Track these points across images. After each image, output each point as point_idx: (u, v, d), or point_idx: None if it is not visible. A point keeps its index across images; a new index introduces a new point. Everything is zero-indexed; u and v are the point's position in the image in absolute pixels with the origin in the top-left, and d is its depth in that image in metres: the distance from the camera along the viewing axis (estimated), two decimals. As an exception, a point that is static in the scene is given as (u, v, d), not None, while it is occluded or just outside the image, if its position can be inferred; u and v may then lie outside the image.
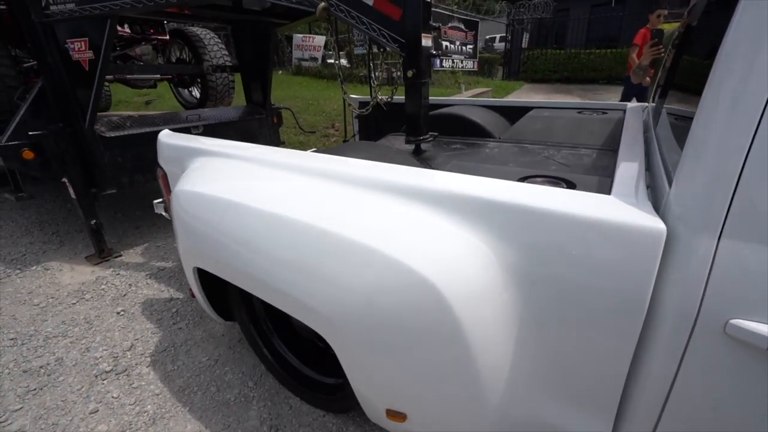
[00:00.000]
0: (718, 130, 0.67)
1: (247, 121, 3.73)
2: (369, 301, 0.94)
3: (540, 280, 0.84)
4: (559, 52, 12.23)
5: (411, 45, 1.64)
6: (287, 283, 1.09)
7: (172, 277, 2.68)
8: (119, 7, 2.16)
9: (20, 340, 2.08)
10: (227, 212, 1.25)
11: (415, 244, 0.91)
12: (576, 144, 2.01)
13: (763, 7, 0.62)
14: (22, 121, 2.56)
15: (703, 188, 0.68)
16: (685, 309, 0.70)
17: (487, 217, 0.87)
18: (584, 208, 0.77)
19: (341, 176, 1.13)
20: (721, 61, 0.67)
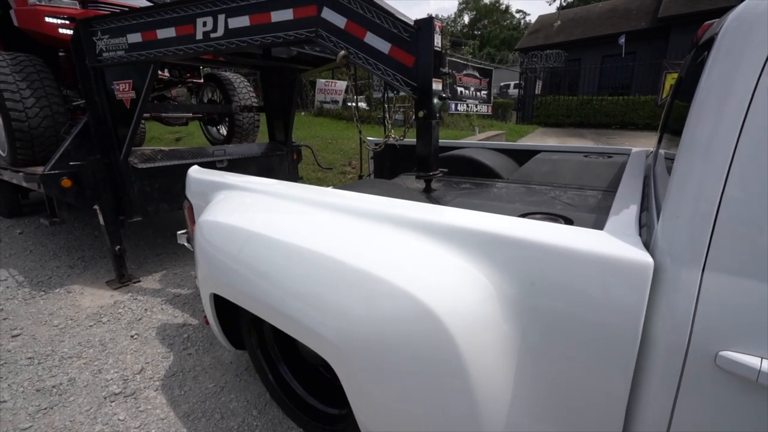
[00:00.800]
0: (695, 170, 0.72)
1: (269, 156, 3.94)
2: (375, 329, 0.97)
3: (537, 312, 0.86)
4: (572, 98, 12.57)
5: (422, 89, 1.78)
6: (298, 310, 1.13)
7: (186, 304, 2.74)
8: (162, 54, 2.41)
9: (37, 360, 2.14)
10: (246, 241, 1.33)
11: (420, 276, 0.95)
12: (582, 186, 2.06)
13: (728, 63, 0.69)
14: (65, 153, 2.79)
15: (686, 224, 0.72)
16: (675, 341, 0.72)
17: (486, 250, 0.91)
18: (576, 241, 0.80)
19: (354, 210, 1.20)
20: (695, 110, 0.74)
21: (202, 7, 2.19)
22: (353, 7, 1.81)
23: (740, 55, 0.69)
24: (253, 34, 2.11)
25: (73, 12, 3.04)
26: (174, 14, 2.28)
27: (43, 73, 3.17)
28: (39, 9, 2.95)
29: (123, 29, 2.45)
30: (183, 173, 3.20)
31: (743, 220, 0.67)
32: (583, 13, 17.25)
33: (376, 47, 1.82)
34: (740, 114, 0.67)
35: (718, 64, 0.73)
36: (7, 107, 2.96)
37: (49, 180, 2.72)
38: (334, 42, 1.89)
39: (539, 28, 17.90)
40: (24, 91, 3.02)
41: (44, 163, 3.15)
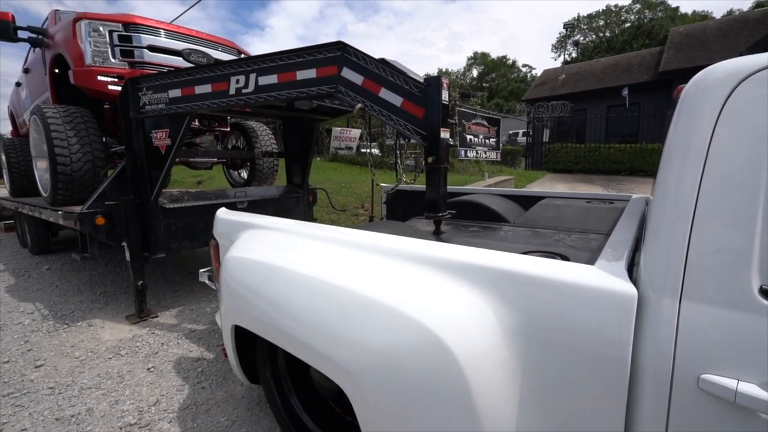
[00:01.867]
0: (666, 210, 0.84)
1: (286, 198, 4.15)
2: (387, 356, 1.04)
3: (536, 341, 0.93)
4: (580, 146, 12.89)
5: (431, 137, 1.95)
6: (315, 337, 1.21)
7: (201, 339, 2.81)
8: (198, 107, 2.70)
9: (58, 390, 2.20)
10: (267, 274, 1.44)
11: (431, 307, 1.02)
12: (585, 230, 2.15)
13: (688, 119, 0.83)
14: (102, 193, 3.04)
15: (663, 257, 0.82)
16: (661, 366, 0.78)
17: (489, 283, 1.00)
18: (568, 274, 0.90)
19: (368, 246, 1.31)
20: (664, 158, 0.87)
21: (237, 68, 2.49)
22: (369, 67, 2.04)
23: (697, 113, 0.82)
24: (280, 89, 2.37)
25: (122, 71, 3.45)
26: (211, 73, 2.59)
27: (89, 123, 3.54)
28: (93, 69, 3.36)
29: (166, 86, 2.77)
30: (206, 213, 3.42)
31: (710, 254, 0.77)
32: (587, 68, 18.15)
33: (390, 101, 2.02)
34: (700, 161, 0.79)
35: (680, 120, 0.87)
36: (55, 153, 3.28)
37: (85, 218, 2.94)
38: (351, 96, 2.12)
39: (545, 81, 18.81)
40: (71, 138, 3.36)
41: (79, 203, 3.42)
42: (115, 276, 4.49)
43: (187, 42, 3.81)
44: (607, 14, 39.15)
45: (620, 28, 38.55)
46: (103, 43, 3.39)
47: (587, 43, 39.87)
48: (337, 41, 2.12)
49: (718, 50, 12.20)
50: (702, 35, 13.78)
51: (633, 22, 37.86)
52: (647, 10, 37.16)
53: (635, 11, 37.85)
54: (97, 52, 3.38)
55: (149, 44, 3.54)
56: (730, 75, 0.79)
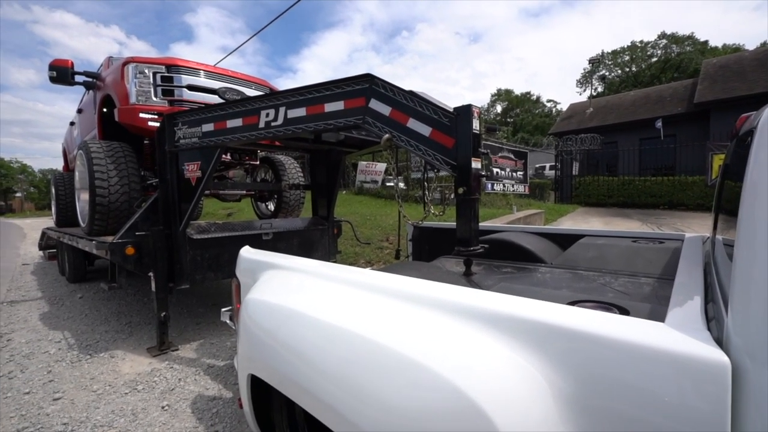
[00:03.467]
0: (759, 256, 0.67)
1: (311, 230, 4.12)
2: (415, 422, 0.87)
3: (598, 414, 0.75)
4: (612, 179, 12.44)
5: (462, 167, 1.86)
6: (334, 395, 1.06)
7: (219, 376, 2.70)
8: (229, 140, 2.76)
9: (71, 426, 2.13)
10: (285, 319, 1.31)
11: (466, 365, 0.87)
12: (634, 272, 1.92)
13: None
14: (134, 224, 3.10)
15: (762, 317, 0.65)
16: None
17: (536, 340, 0.84)
18: (636, 335, 0.73)
19: (396, 292, 1.17)
20: (747, 195, 0.72)
21: (266, 102, 2.55)
22: (397, 98, 2.01)
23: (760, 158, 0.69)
24: (308, 122, 2.38)
25: (162, 109, 3.64)
26: (242, 108, 2.65)
27: (129, 157, 3.71)
28: (136, 107, 3.56)
29: (200, 120, 2.87)
30: (231, 244, 3.41)
31: None
32: (616, 101, 17.91)
33: (418, 131, 1.97)
34: None
35: (762, 152, 0.73)
36: (95, 185, 3.43)
37: (116, 248, 3.00)
38: (379, 127, 2.08)
39: (572, 115, 18.66)
40: (111, 171, 3.51)
41: (113, 234, 3.51)
42: (141, 306, 4.52)
43: (223, 81, 4.00)
44: (632, 50, 39.18)
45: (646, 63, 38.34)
46: (147, 84, 3.62)
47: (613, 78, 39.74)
48: (366, 73, 2.12)
49: (757, 80, 11.74)
50: (738, 66, 13.38)
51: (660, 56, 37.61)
52: (674, 45, 36.93)
53: (661, 46, 37.70)
54: (140, 92, 3.60)
55: (188, 83, 3.74)
56: None
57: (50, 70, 4.30)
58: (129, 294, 5.10)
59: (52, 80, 4.35)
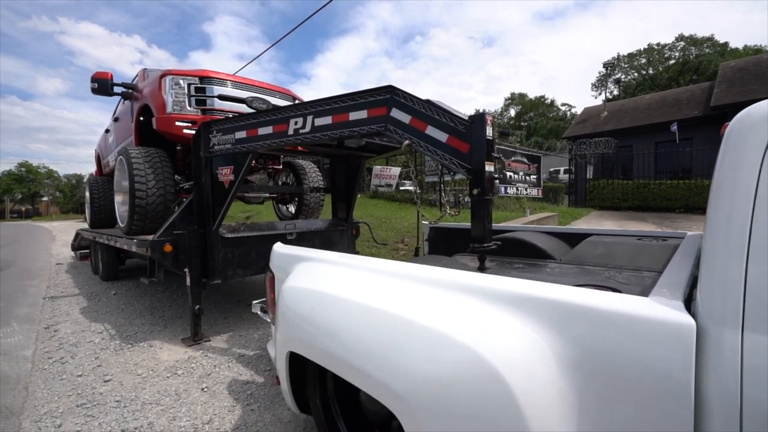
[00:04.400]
0: (719, 243, 0.85)
1: (331, 231, 4.34)
2: (440, 383, 1.05)
3: (592, 372, 0.92)
4: (627, 183, 12.36)
5: (476, 171, 2.04)
6: (369, 363, 1.24)
7: (250, 364, 2.92)
8: (260, 146, 3.01)
9: (123, 403, 2.37)
10: (324, 303, 1.51)
11: (484, 336, 1.04)
12: (638, 267, 2.06)
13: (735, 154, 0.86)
14: (171, 224, 3.37)
15: (718, 291, 0.82)
16: (725, 396, 0.76)
17: (541, 314, 1.01)
18: (622, 306, 0.90)
19: (420, 278, 1.35)
20: (713, 194, 0.90)
21: (295, 111, 2.78)
22: (416, 107, 2.21)
23: (743, 149, 0.86)
24: (334, 129, 2.60)
25: (195, 117, 3.92)
26: (273, 116, 2.89)
27: (165, 162, 4.00)
28: (173, 116, 3.86)
29: (233, 128, 3.12)
30: (259, 243, 3.65)
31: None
32: (631, 104, 17.75)
33: (436, 137, 2.16)
34: (750, 196, 0.82)
35: (727, 156, 0.90)
36: (135, 188, 3.72)
37: (156, 245, 3.26)
38: (399, 134, 2.28)
39: (586, 119, 18.56)
40: (149, 175, 3.81)
41: (150, 233, 3.80)
42: (171, 302, 4.81)
43: (250, 91, 4.28)
44: (649, 52, 38.58)
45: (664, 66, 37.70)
46: (182, 94, 3.91)
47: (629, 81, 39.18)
48: (388, 85, 2.33)
49: (776, 83, 11.57)
50: (757, 68, 13.17)
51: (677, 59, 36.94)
52: (692, 47, 36.25)
53: (679, 48, 37.05)
54: (176, 102, 3.89)
55: (219, 94, 4.03)
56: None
57: (92, 82, 4.65)
58: (159, 291, 5.40)
59: (93, 91, 4.71)
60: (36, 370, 2.93)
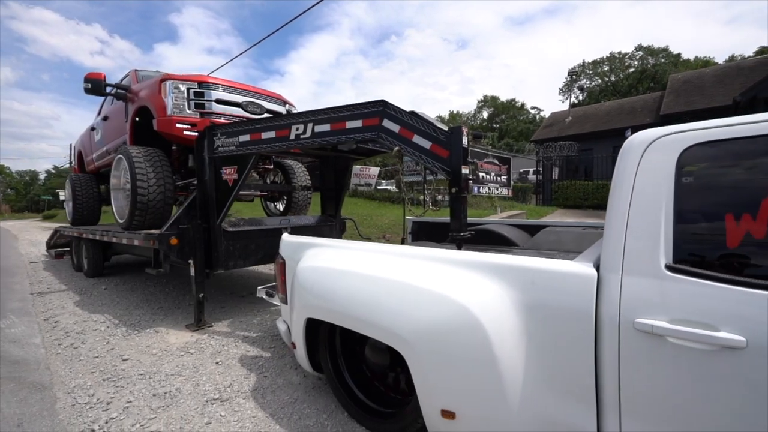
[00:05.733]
0: (612, 222, 1.34)
1: (321, 226, 4.72)
2: (434, 325, 1.52)
3: (533, 308, 1.40)
4: (588, 183, 13.38)
5: (455, 172, 2.50)
6: (381, 318, 1.69)
7: (255, 343, 3.27)
8: (262, 149, 3.35)
9: (147, 376, 2.68)
10: (339, 276, 1.96)
11: (464, 290, 1.52)
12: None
13: (621, 166, 1.35)
14: (177, 219, 3.65)
15: (611, 250, 1.31)
16: (612, 317, 1.25)
17: (501, 274, 1.49)
18: (555, 265, 1.38)
19: (416, 255, 1.81)
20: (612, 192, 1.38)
21: (297, 119, 3.15)
22: (404, 119, 2.65)
23: (627, 163, 1.35)
24: (332, 135, 3.00)
25: (194, 120, 4.19)
26: (276, 122, 3.25)
27: (163, 161, 4.25)
28: (173, 118, 4.10)
29: (237, 132, 3.45)
30: (257, 236, 3.99)
31: (637, 248, 1.26)
32: (592, 111, 19.02)
33: (421, 144, 2.60)
34: (627, 197, 1.31)
35: (619, 167, 1.39)
36: (137, 185, 3.96)
37: (163, 238, 3.54)
38: (390, 141, 2.71)
39: (552, 123, 19.70)
40: (150, 173, 4.05)
41: (149, 228, 4.06)
42: (165, 294, 5.03)
43: (245, 95, 4.58)
44: (611, 60, 40.98)
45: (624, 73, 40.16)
46: (182, 98, 4.17)
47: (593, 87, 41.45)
48: (380, 100, 2.75)
49: (714, 95, 12.89)
50: (700, 81, 14.58)
51: (637, 67, 39.47)
52: (650, 57, 38.85)
53: (638, 57, 39.59)
54: (176, 105, 4.14)
55: (217, 98, 4.31)
56: (643, 141, 1.33)
57: (85, 82, 4.80)
58: (150, 285, 5.58)
59: (86, 91, 4.86)
60: (51, 354, 3.16)
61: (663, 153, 1.29)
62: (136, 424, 2.10)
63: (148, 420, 2.14)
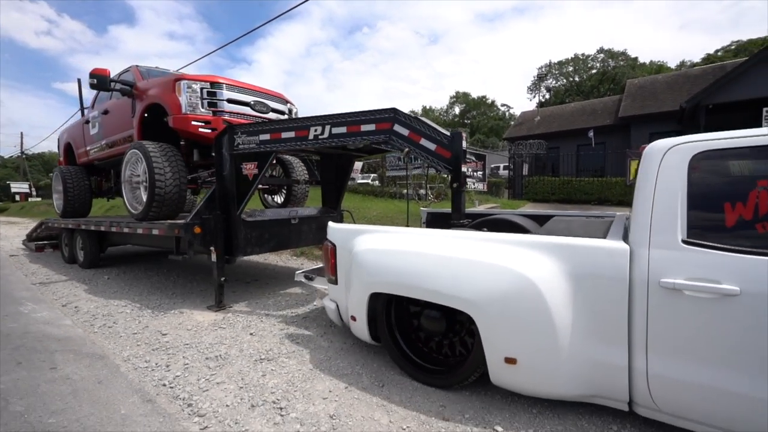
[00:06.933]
0: (639, 209, 1.86)
1: (324, 217, 5.16)
2: (499, 291, 1.99)
3: (579, 276, 1.89)
4: (555, 179, 14.47)
5: (456, 170, 3.04)
6: (452, 287, 2.12)
7: (278, 319, 3.71)
8: (281, 147, 3.76)
9: (192, 345, 3.07)
10: (395, 255, 2.39)
11: (524, 263, 1.96)
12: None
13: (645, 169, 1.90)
14: (199, 210, 3.99)
15: (639, 233, 1.84)
16: (642, 278, 1.77)
17: (553, 250, 1.96)
18: (595, 243, 1.90)
19: (473, 236, 2.27)
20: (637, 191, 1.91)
21: (315, 121, 3.59)
22: (414, 124, 3.15)
23: (650, 164, 1.85)
24: (348, 136, 3.46)
25: (208, 118, 4.49)
26: (296, 124, 3.67)
27: (177, 156, 4.54)
28: (189, 116, 4.39)
29: (258, 131, 3.84)
30: (271, 226, 4.40)
31: (661, 227, 1.79)
32: (558, 111, 20.29)
33: (427, 146, 3.12)
34: (651, 190, 1.84)
35: (643, 167, 1.91)
36: (155, 179, 4.25)
37: (188, 227, 3.88)
38: (400, 143, 3.22)
39: (523, 122, 20.83)
40: (166, 168, 4.34)
41: (164, 219, 4.37)
42: (173, 282, 5.31)
43: (253, 95, 4.92)
44: (576, 61, 43.15)
45: (588, 74, 42.46)
46: (195, 97, 4.46)
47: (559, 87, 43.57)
48: (392, 108, 3.25)
49: (665, 100, 14.28)
50: (653, 87, 16.02)
51: (598, 69, 41.83)
52: (610, 59, 41.29)
53: (600, 60, 41.97)
54: (190, 103, 4.43)
55: (228, 97, 4.63)
56: (662, 148, 1.84)
57: (91, 77, 4.96)
58: (154, 274, 5.82)
59: (92, 87, 5.02)
60: (89, 333, 3.45)
61: (678, 157, 1.76)
62: (201, 379, 2.52)
63: (210, 375, 2.56)
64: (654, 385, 1.73)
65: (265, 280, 5.42)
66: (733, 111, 11.64)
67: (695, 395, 1.65)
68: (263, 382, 2.46)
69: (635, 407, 1.85)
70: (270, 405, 2.20)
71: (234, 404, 2.21)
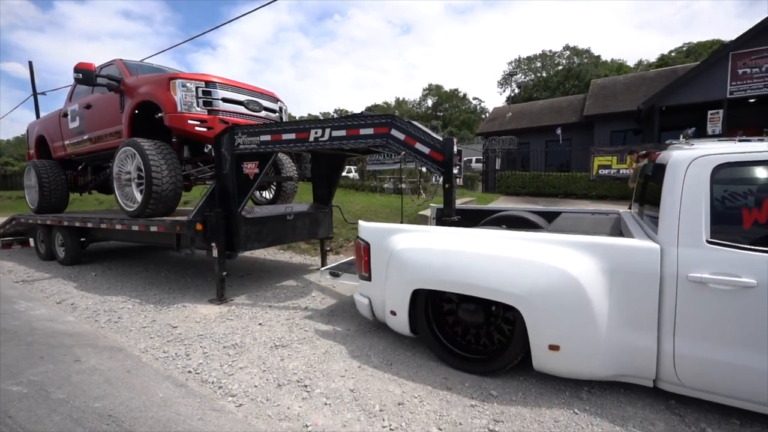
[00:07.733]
0: (667, 214, 2.17)
1: (316, 213, 5.40)
2: (545, 286, 2.19)
3: (615, 272, 2.11)
4: (525, 173, 15.28)
5: (447, 171, 3.38)
6: (500, 283, 2.31)
7: (282, 310, 3.95)
8: (281, 148, 3.96)
9: (206, 336, 3.27)
10: (436, 253, 2.58)
11: (565, 260, 2.19)
12: (597, 232, 3.24)
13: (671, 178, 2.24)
14: (200, 208, 4.13)
15: (668, 233, 2.16)
16: (671, 273, 2.10)
17: (589, 248, 2.19)
18: (628, 242, 2.17)
19: (514, 236, 2.52)
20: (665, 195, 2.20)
21: (316, 124, 3.82)
22: (410, 130, 3.46)
23: (676, 175, 2.10)
24: (347, 139, 3.72)
25: (203, 117, 4.58)
26: (297, 126, 3.88)
27: (172, 153, 4.62)
28: (185, 115, 4.46)
29: (258, 132, 4.01)
30: (269, 222, 4.60)
31: (688, 230, 2.12)
32: (528, 108, 21.21)
33: (422, 150, 3.44)
34: (678, 197, 2.15)
35: (668, 176, 2.22)
36: (152, 176, 4.32)
37: (190, 224, 4.02)
38: (396, 146, 3.52)
39: (495, 117, 21.61)
40: (162, 165, 4.42)
41: (160, 216, 4.47)
42: (165, 278, 5.38)
43: (246, 94, 5.03)
44: (543, 57, 44.70)
45: (554, 70, 44.16)
46: (191, 96, 4.53)
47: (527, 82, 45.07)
48: (390, 114, 3.55)
49: (624, 101, 15.39)
50: (614, 88, 17.16)
51: (564, 65, 43.60)
52: (575, 57, 43.12)
53: (565, 57, 43.73)
54: (185, 102, 4.51)
55: (222, 96, 4.73)
56: (687, 158, 2.06)
57: (76, 72, 4.89)
58: (142, 270, 5.83)
59: (77, 81, 4.97)
60: (96, 328, 3.56)
61: (701, 168, 2.01)
62: (224, 365, 2.75)
63: (231, 362, 2.80)
64: (680, 363, 2.02)
65: (258, 273, 5.59)
66: (683, 113, 12.78)
67: (716, 371, 1.94)
68: (284, 365, 2.73)
69: (659, 383, 2.13)
70: (294, 384, 2.48)
71: (261, 384, 2.48)
